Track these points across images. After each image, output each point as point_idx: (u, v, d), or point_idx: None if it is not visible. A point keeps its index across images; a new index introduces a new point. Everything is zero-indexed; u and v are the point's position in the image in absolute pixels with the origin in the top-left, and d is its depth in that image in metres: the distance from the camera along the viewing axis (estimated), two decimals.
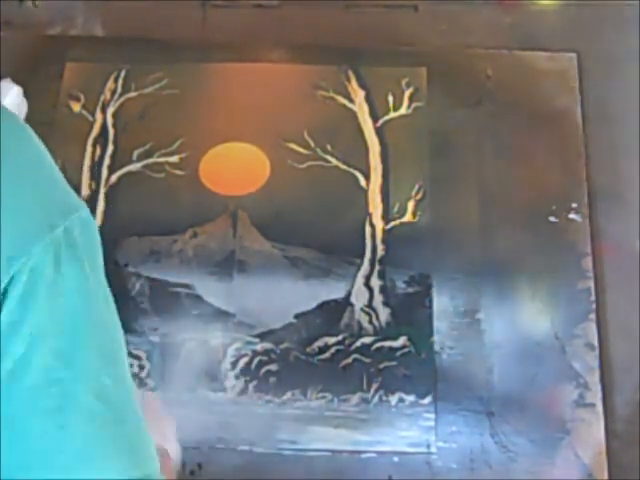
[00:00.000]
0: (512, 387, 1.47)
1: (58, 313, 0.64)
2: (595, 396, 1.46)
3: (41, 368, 0.62)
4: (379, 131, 1.67)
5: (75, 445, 0.63)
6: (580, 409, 1.45)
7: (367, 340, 1.49)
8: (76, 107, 1.70)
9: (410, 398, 1.45)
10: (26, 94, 1.62)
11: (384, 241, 1.57)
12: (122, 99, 1.71)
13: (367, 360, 1.48)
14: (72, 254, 0.65)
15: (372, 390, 1.45)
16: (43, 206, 0.65)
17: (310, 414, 1.44)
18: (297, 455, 1.42)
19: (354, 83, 1.72)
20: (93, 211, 1.60)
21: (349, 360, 1.48)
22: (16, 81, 1.54)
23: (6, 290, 0.61)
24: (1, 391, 0.61)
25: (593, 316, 1.52)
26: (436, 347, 1.49)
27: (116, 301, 0.72)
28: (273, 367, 1.47)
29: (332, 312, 1.52)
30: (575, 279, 1.55)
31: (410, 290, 1.54)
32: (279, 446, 1.42)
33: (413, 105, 1.69)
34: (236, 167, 1.67)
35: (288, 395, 1.45)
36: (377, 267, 1.55)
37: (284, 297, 1.53)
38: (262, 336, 1.50)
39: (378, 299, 1.53)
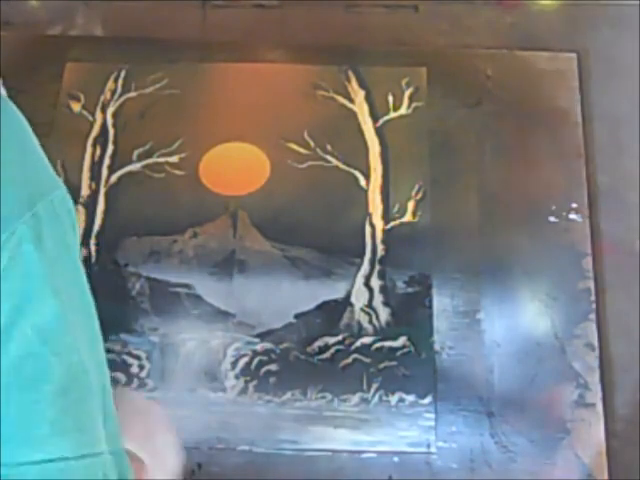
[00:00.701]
0: (512, 387, 1.47)
1: (39, 289, 0.64)
2: (595, 396, 1.46)
3: (21, 341, 0.63)
4: (379, 131, 1.67)
5: (49, 419, 0.64)
6: (580, 409, 1.45)
7: (367, 340, 1.49)
8: (76, 107, 1.70)
9: (410, 398, 1.45)
10: (26, 94, 1.62)
11: (384, 241, 1.57)
12: (122, 99, 1.71)
13: (367, 360, 1.48)
14: (53, 232, 0.66)
15: (372, 390, 1.45)
16: (26, 183, 0.66)
17: (310, 414, 1.44)
18: (297, 455, 1.42)
19: (354, 83, 1.72)
20: (93, 211, 1.60)
21: (349, 360, 1.48)
22: (16, 81, 1.54)
23: None
24: None
25: (593, 316, 1.52)
26: (436, 347, 1.49)
27: (116, 301, 0.73)
28: (273, 367, 1.47)
29: (332, 312, 1.52)
30: (575, 279, 1.55)
31: (410, 290, 1.54)
32: (279, 446, 1.42)
33: (413, 105, 1.69)
34: (236, 167, 1.67)
35: (288, 395, 1.45)
36: (377, 267, 1.55)
37: (284, 297, 1.53)
38: (262, 336, 1.50)
39: (378, 299, 1.53)
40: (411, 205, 1.61)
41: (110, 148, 1.66)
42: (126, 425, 0.85)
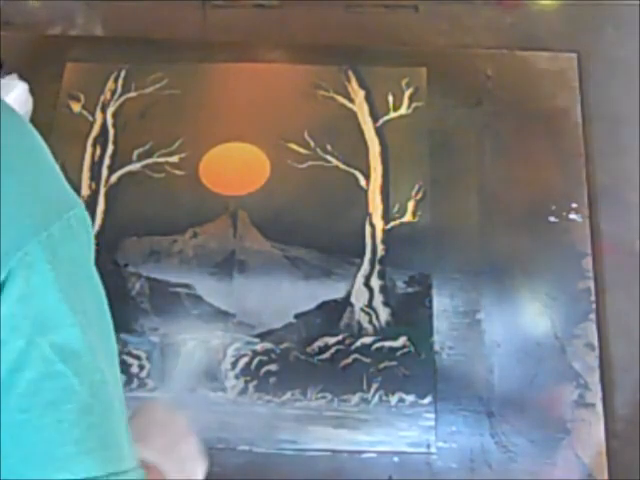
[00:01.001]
0: (512, 387, 1.47)
1: (56, 308, 0.64)
2: (595, 396, 1.46)
3: (40, 361, 0.63)
4: (379, 131, 1.67)
5: (73, 438, 0.64)
6: (580, 409, 1.45)
7: (367, 340, 1.49)
8: (76, 107, 1.70)
9: (410, 398, 1.45)
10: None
11: (384, 241, 1.57)
12: (122, 99, 1.71)
13: (367, 360, 1.48)
14: (69, 251, 0.65)
15: (372, 390, 1.45)
16: (40, 202, 0.66)
17: (310, 414, 1.44)
18: (297, 455, 1.42)
19: (354, 83, 1.72)
20: (93, 211, 1.60)
21: (349, 360, 1.48)
22: None
23: (3, 283, 0.62)
24: (1, 383, 0.61)
25: (593, 316, 1.52)
26: (436, 347, 1.49)
27: (116, 301, 0.72)
28: (273, 367, 1.47)
29: (332, 312, 1.52)
30: (575, 279, 1.55)
31: (410, 290, 1.54)
32: (279, 446, 1.42)
33: (413, 105, 1.69)
34: (236, 167, 1.67)
35: (288, 395, 1.45)
36: (377, 267, 1.55)
37: (284, 297, 1.53)
38: (262, 336, 1.50)
39: (378, 299, 1.53)
40: (411, 205, 1.61)
41: (110, 148, 1.66)
42: (149, 436, 0.85)
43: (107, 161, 1.65)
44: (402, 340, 1.49)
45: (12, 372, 0.62)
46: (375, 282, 1.54)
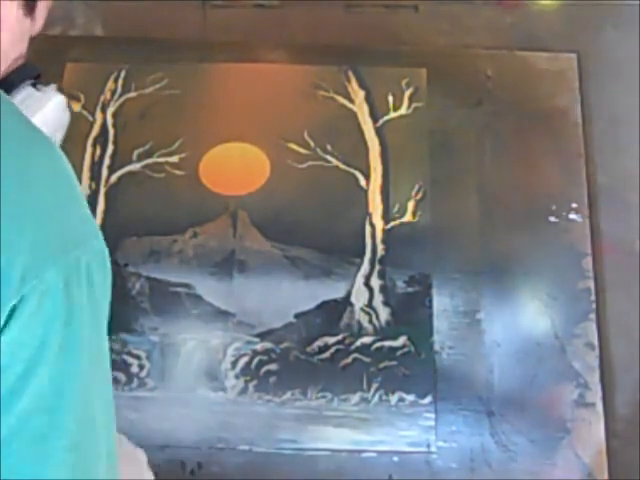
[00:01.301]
0: (512, 387, 1.47)
1: (60, 341, 0.64)
2: (595, 396, 1.46)
3: (36, 393, 0.62)
4: (379, 131, 1.67)
5: (58, 474, 0.63)
6: (580, 409, 1.45)
7: (367, 340, 1.49)
8: (76, 107, 1.70)
9: (410, 398, 1.45)
10: None
11: (384, 241, 1.57)
12: (122, 99, 1.71)
13: (367, 360, 1.48)
14: (82, 284, 0.65)
15: (372, 390, 1.45)
16: (61, 230, 0.65)
17: (310, 414, 1.44)
18: (297, 454, 1.42)
19: (354, 83, 1.72)
20: (93, 211, 1.60)
21: (349, 360, 1.48)
22: None
23: (14, 308, 0.61)
24: (1, 406, 0.61)
25: (593, 316, 1.52)
26: (436, 347, 1.49)
27: (116, 301, 0.72)
28: (273, 367, 1.47)
29: (332, 312, 1.52)
30: (575, 279, 1.55)
31: (410, 290, 1.54)
32: (279, 446, 1.42)
33: (413, 105, 1.69)
34: (236, 167, 1.67)
35: (288, 395, 1.45)
36: (377, 267, 1.55)
37: (284, 297, 1.53)
38: (262, 336, 1.50)
39: (378, 299, 1.53)
40: (411, 205, 1.61)
41: (110, 148, 1.66)
42: None
43: (107, 161, 1.65)
44: (402, 340, 1.49)
45: (9, 397, 0.62)
46: (375, 282, 1.54)
